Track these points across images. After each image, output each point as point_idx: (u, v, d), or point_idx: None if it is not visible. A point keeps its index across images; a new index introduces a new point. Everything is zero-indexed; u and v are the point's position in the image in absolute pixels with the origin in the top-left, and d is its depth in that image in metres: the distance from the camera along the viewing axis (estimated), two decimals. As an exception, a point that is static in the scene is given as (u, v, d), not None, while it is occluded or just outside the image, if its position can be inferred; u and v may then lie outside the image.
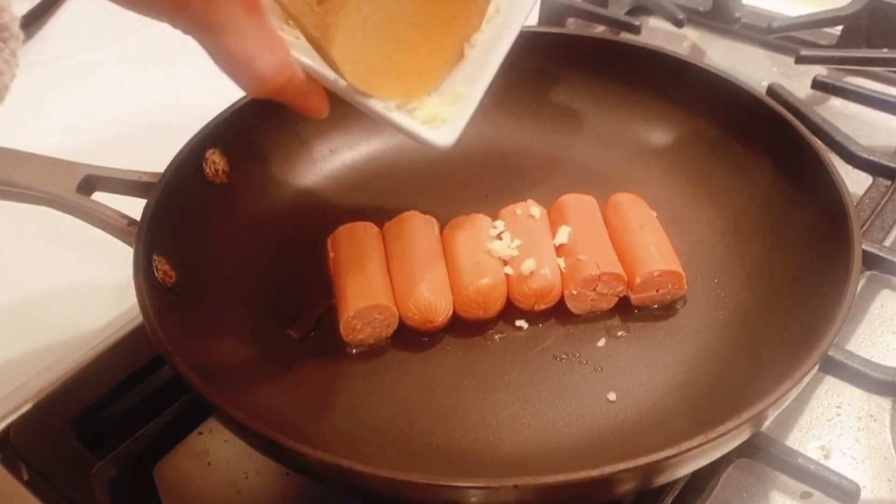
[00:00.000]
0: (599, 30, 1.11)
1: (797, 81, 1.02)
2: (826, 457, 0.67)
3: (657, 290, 0.72)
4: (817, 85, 0.99)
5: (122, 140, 0.97)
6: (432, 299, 0.70)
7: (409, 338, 0.71)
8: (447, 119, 0.66)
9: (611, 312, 0.73)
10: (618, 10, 1.14)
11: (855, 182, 0.84)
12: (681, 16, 1.08)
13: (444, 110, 0.66)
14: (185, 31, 0.54)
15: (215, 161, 0.77)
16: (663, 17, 1.11)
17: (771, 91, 0.93)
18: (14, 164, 0.73)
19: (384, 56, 0.63)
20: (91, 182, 0.74)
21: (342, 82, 0.62)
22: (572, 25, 1.14)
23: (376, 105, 0.63)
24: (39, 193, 0.73)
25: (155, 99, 1.04)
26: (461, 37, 0.69)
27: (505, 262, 0.73)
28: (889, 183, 0.85)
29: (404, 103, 0.65)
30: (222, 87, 0.83)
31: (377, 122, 0.88)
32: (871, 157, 0.86)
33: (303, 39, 0.60)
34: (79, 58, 1.08)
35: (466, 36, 0.69)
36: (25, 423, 0.69)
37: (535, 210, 0.77)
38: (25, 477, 0.68)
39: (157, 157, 0.74)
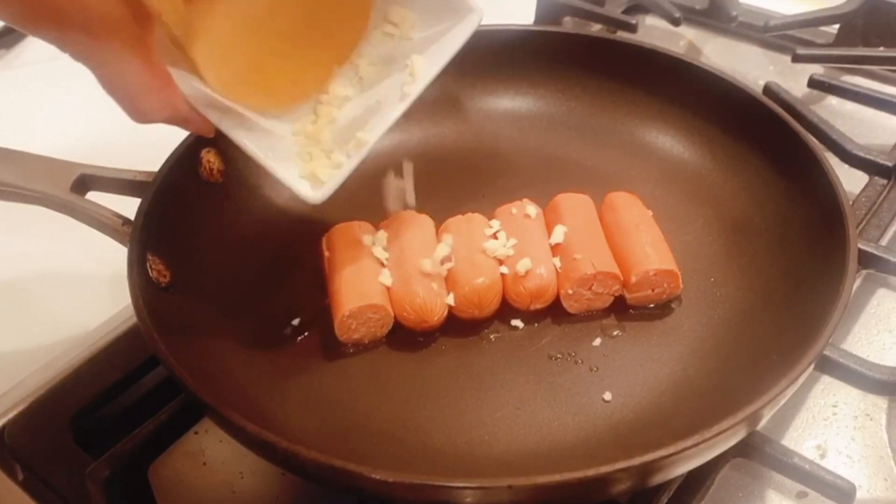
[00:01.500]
0: (596, 28, 1.11)
1: (794, 80, 1.02)
2: (822, 456, 0.67)
3: (653, 290, 0.72)
4: (814, 83, 0.99)
5: (117, 139, 0.96)
6: (427, 299, 0.70)
7: (405, 337, 0.71)
8: (324, 180, 0.66)
9: (606, 312, 0.73)
10: (614, 9, 1.14)
11: (851, 181, 0.84)
12: (677, 14, 1.08)
13: (324, 172, 0.66)
14: (74, 59, 0.54)
15: (210, 160, 0.77)
16: (660, 16, 1.11)
17: (767, 90, 0.93)
18: (8, 163, 0.73)
19: (252, 65, 0.62)
20: (85, 181, 0.74)
21: (216, 115, 0.61)
22: (569, 24, 1.14)
23: (253, 148, 0.63)
24: (34, 193, 0.73)
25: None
26: (339, 55, 0.68)
27: (500, 262, 0.73)
28: (885, 181, 0.85)
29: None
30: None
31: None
32: (868, 156, 0.86)
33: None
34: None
35: (342, 57, 0.68)
36: (20, 423, 0.69)
37: (531, 209, 0.77)
38: (20, 477, 0.68)
39: (151, 157, 0.73)
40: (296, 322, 0.72)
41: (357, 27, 0.67)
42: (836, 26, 1.07)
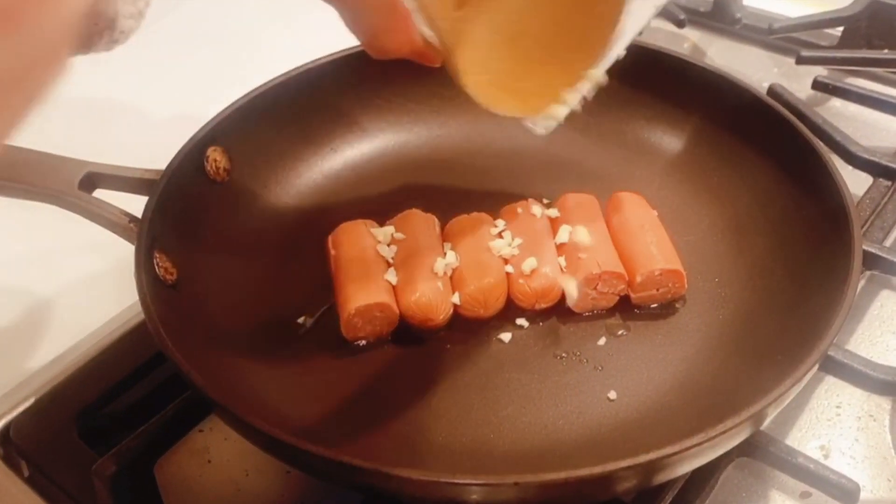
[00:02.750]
0: (600, 30, 1.11)
1: (798, 82, 1.02)
2: (825, 456, 0.67)
3: (658, 289, 0.72)
4: (818, 86, 0.99)
5: (124, 137, 0.97)
6: (433, 298, 0.70)
7: (410, 336, 0.71)
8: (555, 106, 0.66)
9: (611, 311, 0.73)
10: (619, 11, 1.14)
11: (855, 182, 0.84)
12: (682, 16, 1.08)
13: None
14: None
15: (216, 159, 0.77)
16: (664, 18, 1.11)
17: (772, 91, 0.93)
18: (15, 160, 0.73)
19: (507, 71, 0.63)
20: (92, 179, 0.74)
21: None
22: (573, 25, 1.14)
23: None
24: (41, 190, 0.73)
25: (157, 96, 1.04)
26: (589, 59, 0.67)
27: (506, 261, 0.73)
28: (889, 183, 0.85)
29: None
30: (224, 86, 0.84)
31: (379, 121, 0.88)
32: (872, 158, 0.86)
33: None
34: (80, 56, 1.08)
35: (592, 61, 0.68)
36: (26, 420, 0.69)
37: (537, 209, 0.77)
38: (26, 473, 0.68)
39: (158, 155, 0.74)
40: (301, 320, 0.72)
41: (607, 30, 0.67)
42: (840, 28, 1.07)
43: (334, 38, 0.88)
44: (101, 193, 0.74)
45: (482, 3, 0.60)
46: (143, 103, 1.03)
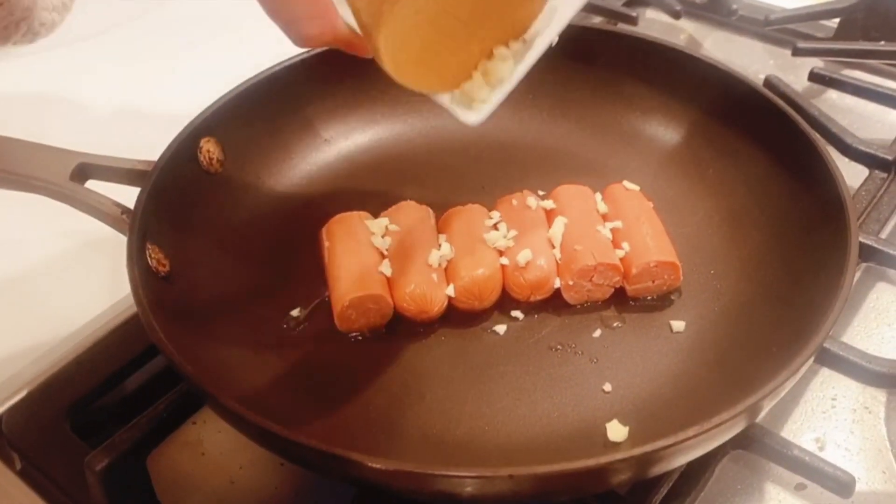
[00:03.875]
0: (597, 21, 1.11)
1: (794, 74, 1.02)
2: (821, 449, 0.67)
3: (653, 281, 0.72)
4: (814, 77, 0.99)
5: (117, 128, 0.96)
6: (427, 290, 0.70)
7: (405, 328, 0.71)
8: (484, 100, 0.65)
9: (607, 303, 0.73)
10: (615, 2, 1.13)
11: (851, 174, 0.84)
12: (678, 7, 1.08)
13: (482, 92, 0.65)
14: None
15: (210, 150, 0.77)
16: (660, 9, 1.11)
17: (768, 83, 0.93)
18: (7, 151, 0.73)
19: (428, 50, 0.63)
20: (85, 170, 0.73)
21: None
22: (569, 16, 1.13)
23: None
24: (33, 181, 0.72)
25: (150, 87, 1.03)
26: (509, 34, 0.67)
27: (501, 253, 0.73)
28: (885, 175, 0.85)
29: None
30: (216, 77, 0.83)
31: (374, 112, 0.88)
32: (868, 150, 0.86)
33: None
34: (74, 46, 1.08)
35: (511, 35, 0.67)
36: (18, 413, 0.68)
37: (532, 201, 0.77)
38: (18, 466, 0.68)
39: (151, 146, 0.73)
40: (296, 312, 0.72)
41: (533, 8, 0.67)
42: (837, 20, 1.07)
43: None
44: (93, 184, 0.74)
45: None
46: (136, 93, 1.02)
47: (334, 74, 0.86)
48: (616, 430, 0.62)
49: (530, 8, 0.66)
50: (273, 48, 0.84)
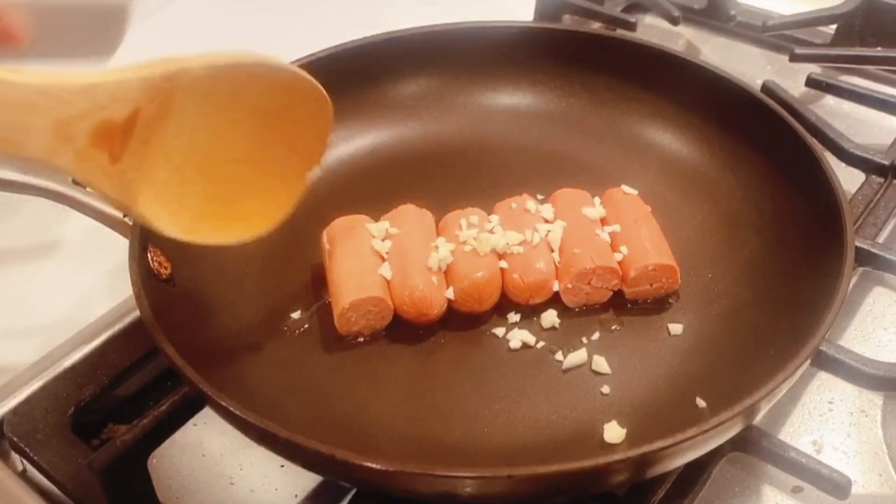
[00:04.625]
0: (595, 27, 1.11)
1: (791, 79, 1.02)
2: (818, 452, 0.67)
3: (651, 284, 0.72)
4: (811, 83, 0.99)
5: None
6: (427, 292, 0.70)
7: (404, 330, 0.71)
8: None
9: (605, 306, 0.73)
10: (613, 7, 1.14)
11: (848, 179, 0.84)
12: (676, 13, 1.08)
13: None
14: None
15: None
16: (659, 15, 1.11)
17: (765, 88, 0.93)
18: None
19: (212, 199, 0.60)
20: (87, 173, 0.74)
21: None
22: (568, 22, 1.14)
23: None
24: (36, 185, 0.73)
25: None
26: (303, 165, 0.66)
27: (500, 256, 0.73)
28: (882, 180, 0.86)
29: None
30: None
31: (374, 116, 0.88)
32: (865, 155, 0.87)
33: None
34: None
35: (309, 164, 0.67)
36: (20, 414, 0.68)
37: (531, 204, 0.77)
38: (20, 468, 0.68)
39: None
40: (296, 315, 0.73)
41: (321, 129, 0.65)
42: (834, 26, 1.08)
43: (328, 33, 0.89)
44: (95, 188, 0.74)
45: (148, 146, 0.55)
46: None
47: (334, 78, 0.86)
48: (614, 432, 0.62)
49: (318, 132, 0.65)
50: (271, 53, 0.85)
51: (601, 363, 0.68)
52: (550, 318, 0.72)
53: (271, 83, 0.61)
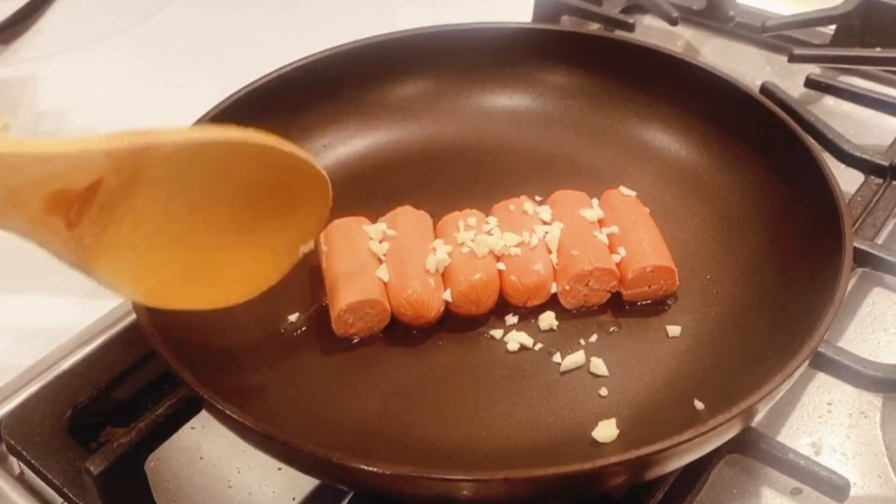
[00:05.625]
0: (594, 27, 1.11)
1: (790, 80, 1.02)
2: (817, 453, 0.67)
3: (649, 286, 0.72)
4: (810, 83, 0.99)
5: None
6: (424, 294, 0.70)
7: (402, 332, 0.71)
8: None
9: (603, 308, 0.73)
10: (612, 8, 1.14)
11: (847, 180, 0.84)
12: (675, 14, 1.08)
13: None
14: None
15: None
16: (658, 16, 1.11)
17: (764, 89, 0.93)
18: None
19: (188, 266, 0.58)
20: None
21: None
22: (566, 23, 1.14)
23: None
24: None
25: (148, 92, 1.04)
26: (296, 239, 0.65)
27: (498, 258, 0.73)
28: (881, 181, 0.86)
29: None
30: (216, 82, 0.83)
31: (371, 118, 0.88)
32: (863, 156, 0.87)
33: None
34: (72, 53, 1.08)
35: (303, 238, 0.65)
36: (17, 417, 0.68)
37: (529, 206, 0.77)
38: (17, 471, 0.68)
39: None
40: (293, 317, 0.72)
41: (319, 208, 0.63)
42: (833, 27, 1.08)
43: (327, 34, 0.89)
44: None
45: (111, 214, 0.53)
46: (134, 99, 1.03)
47: (332, 80, 0.86)
48: (611, 434, 0.62)
49: (317, 200, 0.62)
50: (270, 54, 0.85)
51: (599, 365, 0.68)
52: (548, 319, 0.72)
53: (261, 160, 0.58)
